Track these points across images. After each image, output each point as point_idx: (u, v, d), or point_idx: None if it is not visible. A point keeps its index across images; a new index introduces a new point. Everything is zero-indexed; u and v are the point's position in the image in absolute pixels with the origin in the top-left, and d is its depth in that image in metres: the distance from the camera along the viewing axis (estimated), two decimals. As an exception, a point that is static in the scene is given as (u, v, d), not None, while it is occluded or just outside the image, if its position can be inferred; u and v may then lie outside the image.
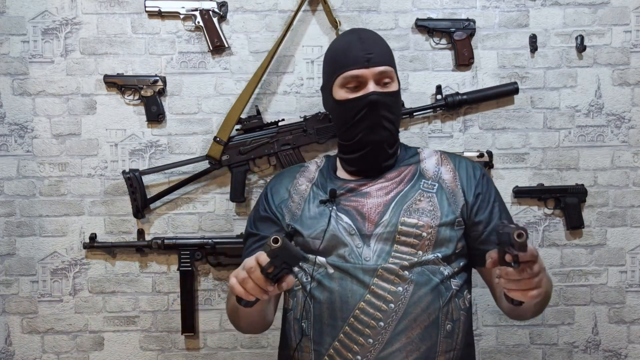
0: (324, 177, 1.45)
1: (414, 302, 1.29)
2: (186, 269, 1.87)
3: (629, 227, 1.93)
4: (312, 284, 1.34)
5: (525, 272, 1.09)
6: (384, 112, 1.37)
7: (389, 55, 1.42)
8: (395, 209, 1.35)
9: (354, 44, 1.38)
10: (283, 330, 1.44)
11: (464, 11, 1.90)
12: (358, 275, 1.30)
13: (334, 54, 1.43)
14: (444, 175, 1.41)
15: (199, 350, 1.92)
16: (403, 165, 1.43)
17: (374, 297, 1.29)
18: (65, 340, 1.92)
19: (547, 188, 1.90)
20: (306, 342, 1.34)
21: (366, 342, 1.28)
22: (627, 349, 1.94)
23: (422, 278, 1.30)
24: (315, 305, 1.33)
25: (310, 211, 1.39)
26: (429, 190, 1.38)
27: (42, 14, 1.89)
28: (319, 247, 1.34)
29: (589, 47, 1.90)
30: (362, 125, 1.38)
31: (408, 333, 1.28)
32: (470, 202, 1.39)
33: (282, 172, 1.56)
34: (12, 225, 1.91)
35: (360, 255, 1.32)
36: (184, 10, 1.88)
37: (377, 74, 1.37)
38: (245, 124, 1.86)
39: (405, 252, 1.31)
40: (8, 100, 1.89)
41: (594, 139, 1.92)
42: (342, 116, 1.41)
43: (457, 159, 1.47)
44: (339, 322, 1.30)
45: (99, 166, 1.91)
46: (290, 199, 1.44)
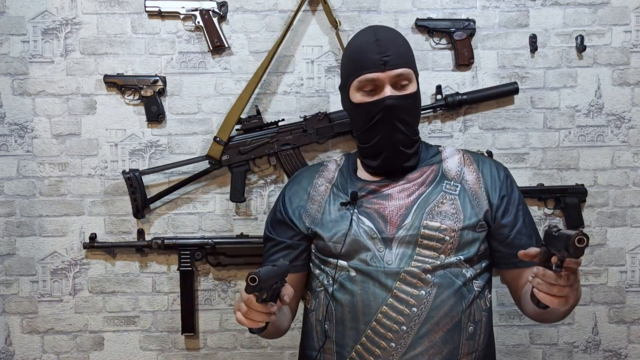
0: (344, 177, 1.44)
1: (437, 306, 1.28)
2: (186, 269, 1.87)
3: (629, 227, 1.93)
4: (334, 286, 1.33)
5: (563, 278, 1.08)
6: (400, 116, 1.35)
7: (407, 56, 1.39)
8: (418, 212, 1.33)
9: (370, 45, 1.35)
10: (305, 330, 1.44)
11: (464, 11, 1.90)
12: (380, 278, 1.29)
13: (350, 55, 1.40)
14: (467, 176, 1.39)
15: (199, 350, 1.93)
16: (425, 165, 1.41)
17: (397, 300, 1.28)
18: (65, 340, 1.92)
19: (547, 188, 1.90)
20: (329, 344, 1.34)
21: (388, 346, 1.27)
22: (627, 349, 1.94)
23: (445, 281, 1.29)
24: (338, 307, 1.32)
25: (331, 214, 1.37)
26: (451, 192, 1.37)
27: (42, 14, 1.89)
28: (340, 251, 1.33)
29: (589, 47, 1.90)
30: (378, 130, 1.36)
31: (431, 336, 1.27)
32: (495, 204, 1.37)
33: (300, 172, 1.54)
34: (12, 225, 1.91)
35: (382, 259, 1.31)
36: (184, 10, 1.88)
37: (393, 77, 1.34)
38: (245, 124, 1.86)
39: (428, 256, 1.30)
40: (8, 100, 1.89)
41: (594, 139, 1.92)
42: (359, 119, 1.39)
43: (480, 158, 1.45)
44: (362, 325, 1.29)
45: (99, 166, 1.91)
46: (310, 201, 1.42)
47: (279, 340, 1.91)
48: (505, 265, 1.40)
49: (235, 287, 1.92)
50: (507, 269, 1.41)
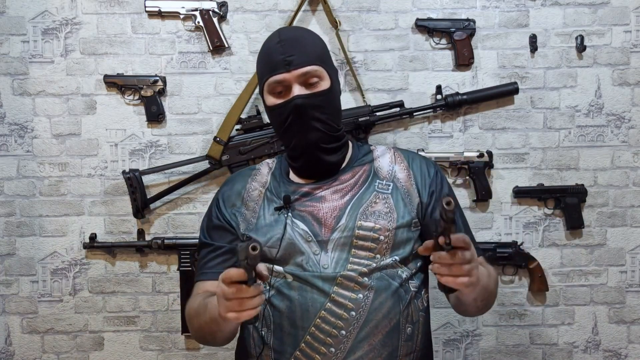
0: (277, 181, 1.41)
1: (375, 309, 1.27)
2: (186, 269, 1.87)
3: (629, 227, 1.93)
4: (270, 292, 1.31)
5: (457, 256, 1.08)
6: (312, 114, 1.32)
7: (314, 54, 1.34)
8: (352, 213, 1.32)
9: (274, 47, 1.34)
10: (241, 337, 1.41)
11: (464, 11, 1.90)
12: (317, 283, 1.28)
13: (260, 59, 1.39)
14: (398, 174, 1.38)
15: (199, 350, 1.92)
16: (357, 165, 1.40)
17: (335, 305, 1.27)
18: (65, 340, 1.92)
19: (547, 188, 1.90)
20: (267, 351, 1.31)
21: (328, 351, 1.26)
22: (627, 349, 1.94)
23: (382, 283, 1.28)
24: (275, 313, 1.31)
25: (266, 219, 1.35)
26: (384, 191, 1.36)
27: (42, 14, 1.89)
28: (276, 256, 1.31)
29: (589, 47, 1.90)
30: (293, 130, 1.34)
31: (370, 340, 1.27)
32: (425, 201, 1.37)
33: (233, 176, 1.51)
34: (12, 225, 1.91)
35: (318, 263, 1.29)
36: (184, 10, 1.88)
37: (300, 77, 1.31)
38: (245, 124, 1.86)
39: (363, 257, 1.29)
40: (8, 100, 1.89)
41: (594, 139, 1.92)
42: (275, 122, 1.38)
43: (410, 155, 1.44)
44: (300, 331, 1.28)
45: (99, 166, 1.91)
46: (244, 206, 1.39)
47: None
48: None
49: (235, 287, 1.91)
50: None
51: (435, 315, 1.91)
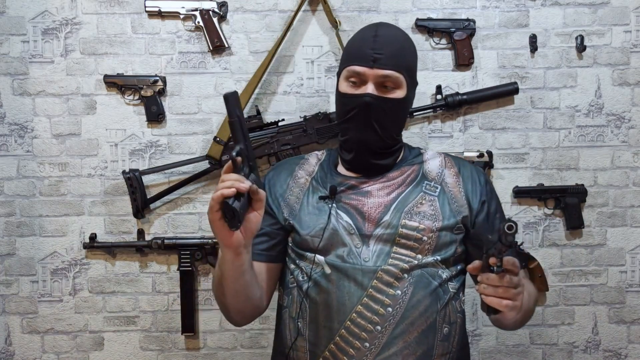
0: (324, 171, 1.42)
1: (412, 306, 1.27)
2: (186, 269, 1.87)
3: (629, 227, 1.93)
4: (309, 283, 1.32)
5: (505, 279, 1.10)
6: (375, 116, 1.33)
7: (402, 60, 1.34)
8: (397, 211, 1.33)
9: (367, 39, 1.33)
10: (278, 327, 1.42)
11: (464, 11, 1.90)
12: (357, 276, 1.28)
13: (349, 45, 1.40)
14: (447, 178, 1.39)
15: (199, 350, 1.93)
16: (406, 165, 1.41)
17: (372, 300, 1.27)
18: (65, 340, 1.92)
19: (547, 188, 1.90)
20: (301, 342, 1.32)
21: (362, 346, 1.26)
22: (627, 349, 1.94)
23: (422, 281, 1.29)
24: (312, 306, 1.31)
25: (310, 207, 1.36)
26: (431, 193, 1.36)
27: (42, 14, 1.89)
28: (318, 246, 1.32)
29: (589, 47, 1.90)
30: (353, 123, 1.35)
31: (405, 337, 1.26)
32: (476, 208, 1.37)
33: (280, 163, 1.53)
34: (12, 225, 1.91)
35: (359, 256, 1.30)
36: (184, 10, 1.88)
37: (379, 77, 1.32)
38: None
39: (405, 255, 1.30)
40: (8, 100, 1.89)
41: (594, 139, 1.92)
42: (340, 109, 1.39)
43: (461, 162, 1.45)
44: (336, 324, 1.28)
45: (99, 166, 1.91)
46: (289, 191, 1.41)
47: (279, 340, 1.91)
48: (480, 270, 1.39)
49: (235, 287, 1.92)
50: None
51: (435, 315, 1.91)
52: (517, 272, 1.12)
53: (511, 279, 1.11)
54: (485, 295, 1.13)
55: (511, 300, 1.12)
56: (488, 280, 1.12)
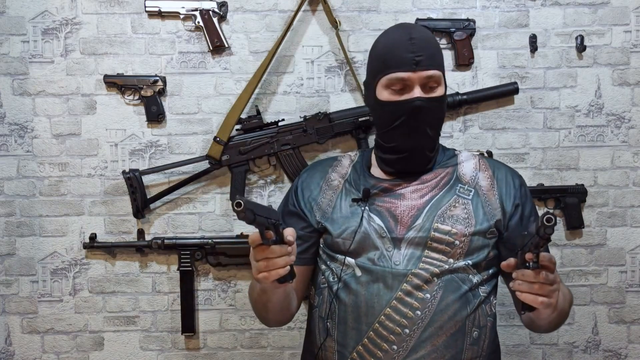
0: (357, 173, 1.42)
1: (441, 310, 1.27)
2: (186, 269, 1.87)
3: (629, 227, 1.93)
4: (339, 284, 1.32)
5: (541, 276, 1.09)
6: (426, 118, 1.32)
7: (439, 58, 1.35)
8: (429, 214, 1.32)
9: (403, 43, 1.31)
10: (309, 326, 1.43)
11: (464, 11, 1.90)
12: (387, 279, 1.28)
13: (381, 52, 1.35)
14: (481, 181, 1.38)
15: (199, 350, 1.93)
16: (440, 167, 1.40)
17: (401, 303, 1.27)
18: (65, 340, 1.92)
19: (547, 188, 1.90)
20: (330, 342, 1.33)
21: (390, 349, 1.27)
22: (627, 349, 1.94)
23: (451, 285, 1.28)
24: (341, 307, 1.32)
25: (342, 209, 1.36)
26: (464, 196, 1.35)
27: (42, 14, 1.89)
28: (349, 248, 1.32)
29: (589, 47, 1.90)
30: (403, 130, 1.33)
31: (433, 341, 1.26)
32: (509, 212, 1.36)
33: (313, 164, 1.53)
34: (12, 225, 1.91)
35: (390, 259, 1.30)
36: (184, 10, 1.88)
37: (424, 79, 1.31)
38: (245, 124, 1.86)
39: (436, 259, 1.29)
40: (8, 100, 1.89)
41: (594, 139, 1.92)
42: (384, 117, 1.36)
43: (496, 165, 1.43)
44: (364, 326, 1.29)
45: (99, 166, 1.91)
46: (322, 194, 1.41)
47: (279, 340, 1.91)
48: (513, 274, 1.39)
49: (235, 287, 1.92)
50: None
51: (435, 315, 1.92)
52: (554, 269, 1.11)
53: (547, 275, 1.09)
54: (520, 292, 1.12)
55: (547, 297, 1.11)
56: (524, 276, 1.10)
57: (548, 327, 1.33)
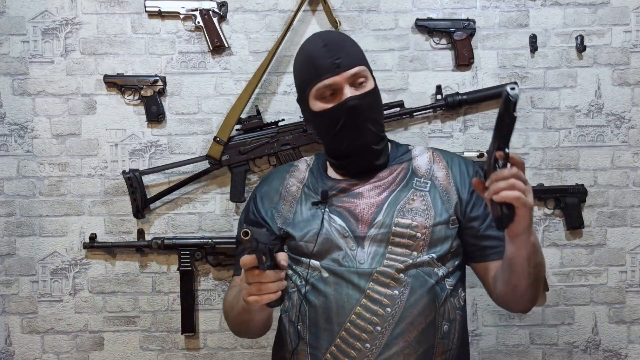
0: (315, 177, 1.43)
1: (411, 305, 1.28)
2: (186, 269, 1.87)
3: (629, 227, 1.93)
4: (306, 287, 1.33)
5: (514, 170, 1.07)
6: (365, 114, 1.33)
7: (358, 54, 1.37)
8: (389, 210, 1.33)
9: (319, 52, 1.34)
10: (279, 331, 1.43)
11: (464, 11, 1.90)
12: (353, 279, 1.29)
13: (302, 66, 1.38)
14: (436, 173, 1.40)
15: (199, 350, 1.92)
16: (395, 163, 1.41)
17: (370, 301, 1.28)
18: (65, 340, 1.92)
19: (547, 188, 1.90)
20: (302, 346, 1.33)
21: (363, 347, 1.27)
22: (627, 349, 1.94)
23: (418, 280, 1.29)
24: (311, 309, 1.32)
25: (303, 214, 1.37)
26: (421, 189, 1.37)
27: (42, 14, 1.89)
28: (312, 251, 1.32)
29: (589, 47, 1.90)
30: (346, 133, 1.35)
31: (405, 336, 1.27)
32: (465, 199, 1.37)
33: (271, 173, 1.53)
34: (12, 225, 1.91)
35: (354, 259, 1.31)
36: (184, 10, 1.88)
37: (349, 78, 1.32)
38: (245, 124, 1.86)
39: (400, 254, 1.30)
40: (8, 100, 1.89)
41: (594, 139, 1.92)
42: (324, 127, 1.38)
43: (449, 156, 1.45)
44: (335, 326, 1.29)
45: (99, 166, 1.91)
46: (282, 201, 1.42)
47: (279, 340, 1.91)
48: (478, 258, 1.39)
49: (235, 287, 1.92)
50: (480, 262, 1.39)
51: (435, 315, 1.91)
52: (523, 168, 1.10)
53: (519, 172, 1.08)
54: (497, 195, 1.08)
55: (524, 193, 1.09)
56: (497, 175, 1.08)
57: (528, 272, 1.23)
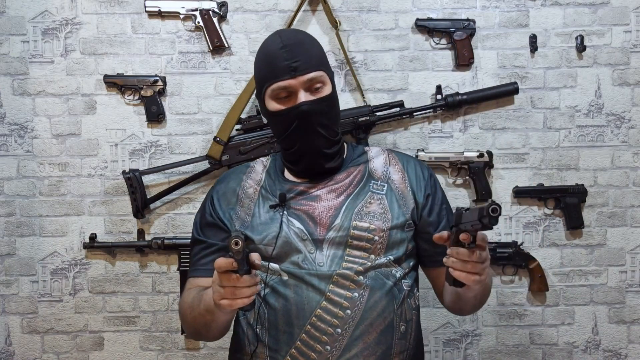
0: (272, 179, 1.42)
1: (370, 307, 1.28)
2: (186, 269, 1.87)
3: (629, 227, 1.93)
4: (265, 290, 1.32)
5: (475, 255, 1.11)
6: (317, 120, 1.33)
7: (316, 59, 1.35)
8: (347, 213, 1.33)
9: (277, 52, 1.33)
10: (235, 333, 1.42)
11: (464, 11, 1.90)
12: (313, 282, 1.29)
13: (261, 64, 1.38)
14: (392, 175, 1.40)
15: (199, 350, 1.92)
16: (352, 166, 1.41)
17: (330, 303, 1.28)
18: (65, 340, 1.92)
19: (547, 188, 1.90)
20: (261, 349, 1.32)
21: (324, 349, 1.27)
22: (627, 349, 1.94)
23: (377, 282, 1.30)
24: (270, 312, 1.31)
25: (261, 216, 1.36)
26: (378, 192, 1.37)
27: (42, 14, 1.89)
28: (272, 254, 1.31)
29: (589, 47, 1.90)
30: (297, 136, 1.34)
31: (365, 338, 1.28)
32: (421, 203, 1.38)
33: (227, 174, 1.51)
34: (12, 225, 1.91)
35: (313, 261, 1.30)
36: (184, 10, 1.88)
37: (305, 82, 1.32)
38: (245, 124, 1.86)
39: (358, 256, 1.31)
40: (8, 100, 1.89)
41: (594, 139, 1.92)
42: (277, 126, 1.38)
43: (405, 158, 1.45)
44: (296, 329, 1.29)
45: (99, 166, 1.91)
46: (239, 203, 1.40)
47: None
48: (431, 264, 1.41)
49: (235, 287, 1.91)
50: (432, 267, 1.42)
51: (436, 315, 1.91)
52: (486, 247, 1.13)
53: (480, 255, 1.12)
54: (454, 269, 1.14)
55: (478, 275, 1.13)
56: (458, 254, 1.12)
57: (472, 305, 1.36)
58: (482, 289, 1.29)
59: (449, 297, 1.36)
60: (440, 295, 1.44)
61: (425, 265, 1.43)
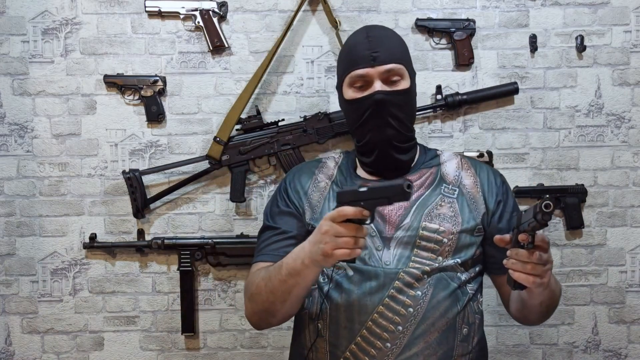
0: (344, 175, 1.44)
1: (433, 307, 1.28)
2: (186, 269, 1.87)
3: (629, 227, 1.93)
4: (329, 285, 1.32)
5: (535, 256, 1.11)
6: (390, 111, 1.35)
7: (399, 53, 1.39)
8: (417, 214, 1.34)
9: (361, 42, 1.37)
10: (296, 327, 1.43)
11: (464, 11, 1.90)
12: (379, 278, 1.29)
13: (343, 54, 1.43)
14: (464, 180, 1.40)
15: (199, 350, 1.92)
16: (424, 167, 1.42)
17: (393, 301, 1.28)
18: (65, 340, 1.92)
19: (547, 188, 1.90)
20: (321, 343, 1.33)
21: (384, 346, 1.27)
22: (627, 349, 1.94)
23: (441, 283, 1.30)
24: (332, 307, 1.32)
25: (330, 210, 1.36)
26: (449, 195, 1.38)
27: (42, 14, 1.89)
28: None
29: (589, 47, 1.90)
30: (369, 125, 1.37)
31: (426, 337, 1.27)
32: (492, 209, 1.39)
33: (299, 167, 1.54)
34: (12, 225, 1.91)
35: (380, 259, 1.31)
36: (184, 10, 1.88)
37: (383, 73, 1.35)
38: (245, 124, 1.86)
39: (426, 257, 1.31)
40: (8, 100, 1.89)
41: (594, 139, 1.92)
42: (352, 116, 1.41)
43: (478, 164, 1.47)
44: (357, 325, 1.29)
45: (99, 166, 1.91)
46: (311, 196, 1.42)
47: (279, 340, 1.91)
48: (497, 270, 1.41)
49: (235, 287, 1.91)
50: (498, 274, 1.42)
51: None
52: (547, 248, 1.13)
53: (541, 256, 1.11)
54: (514, 271, 1.13)
55: (539, 277, 1.12)
56: (517, 255, 1.12)
57: (539, 312, 1.34)
58: (549, 296, 1.28)
59: (514, 305, 1.36)
60: (506, 304, 1.44)
61: (492, 272, 1.43)
